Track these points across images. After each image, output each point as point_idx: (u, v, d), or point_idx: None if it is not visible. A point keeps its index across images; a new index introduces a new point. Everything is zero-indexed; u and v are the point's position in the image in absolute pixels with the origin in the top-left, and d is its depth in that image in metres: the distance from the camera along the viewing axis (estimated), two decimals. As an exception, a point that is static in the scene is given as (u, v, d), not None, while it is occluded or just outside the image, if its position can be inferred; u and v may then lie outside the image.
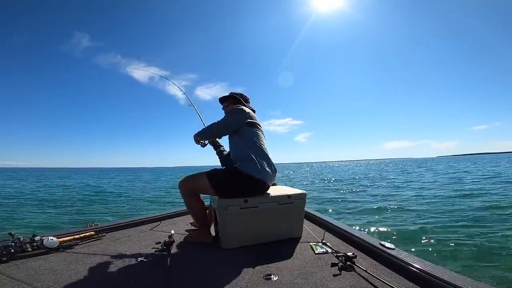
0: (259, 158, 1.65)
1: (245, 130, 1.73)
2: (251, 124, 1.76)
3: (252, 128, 1.75)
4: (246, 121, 1.74)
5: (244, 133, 1.73)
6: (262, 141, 1.75)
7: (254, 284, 1.14)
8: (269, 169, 1.68)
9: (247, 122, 1.74)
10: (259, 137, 1.75)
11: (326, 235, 1.82)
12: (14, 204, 8.95)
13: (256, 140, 1.72)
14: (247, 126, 1.74)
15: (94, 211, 7.59)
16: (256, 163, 1.61)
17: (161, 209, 7.29)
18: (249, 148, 1.68)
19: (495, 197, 7.45)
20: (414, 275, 1.14)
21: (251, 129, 1.74)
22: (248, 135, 1.72)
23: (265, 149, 1.73)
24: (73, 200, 10.33)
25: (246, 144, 1.70)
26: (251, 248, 1.62)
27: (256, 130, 1.76)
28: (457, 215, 5.48)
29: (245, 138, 1.72)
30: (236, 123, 1.76)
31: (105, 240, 1.86)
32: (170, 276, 1.23)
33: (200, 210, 1.78)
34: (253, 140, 1.71)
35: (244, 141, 1.71)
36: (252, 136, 1.72)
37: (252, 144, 1.70)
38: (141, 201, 10.08)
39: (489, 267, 2.93)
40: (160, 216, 2.46)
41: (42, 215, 6.94)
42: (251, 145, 1.69)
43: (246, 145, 1.69)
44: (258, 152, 1.68)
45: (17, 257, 1.45)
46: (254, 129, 1.75)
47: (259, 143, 1.72)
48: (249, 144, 1.70)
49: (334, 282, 1.14)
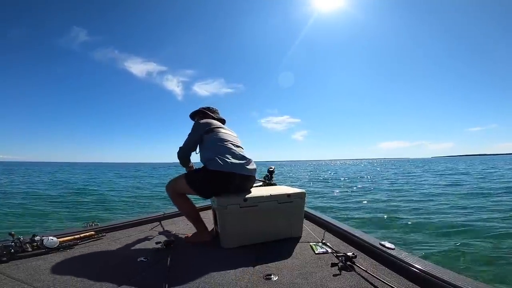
0: (222, 155, 1.72)
1: (205, 138, 1.86)
2: (209, 130, 1.87)
3: (211, 134, 1.86)
4: (204, 130, 1.87)
5: (205, 140, 1.85)
6: (223, 140, 1.83)
7: (254, 284, 1.14)
8: (236, 160, 1.73)
9: (205, 130, 1.86)
10: (219, 138, 1.84)
11: (326, 235, 1.82)
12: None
13: (217, 141, 1.81)
14: (206, 134, 1.86)
15: (91, 211, 7.57)
16: (219, 160, 1.69)
17: (161, 208, 7.28)
18: (211, 150, 1.77)
19: (495, 197, 7.45)
20: (414, 275, 1.14)
21: (210, 135, 1.85)
22: (208, 140, 1.83)
23: (228, 145, 1.80)
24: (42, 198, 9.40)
25: (208, 148, 1.81)
26: (251, 247, 1.62)
27: (216, 134, 1.86)
28: (457, 215, 5.49)
29: (206, 143, 1.84)
30: (195, 135, 1.89)
31: (105, 240, 1.86)
32: (170, 276, 1.23)
33: (191, 210, 1.83)
34: (214, 142, 1.81)
35: (206, 147, 1.83)
36: (212, 139, 1.83)
37: (213, 146, 1.79)
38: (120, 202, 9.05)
39: (489, 267, 2.93)
40: (160, 216, 2.46)
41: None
42: (213, 147, 1.78)
43: (209, 149, 1.80)
44: (220, 150, 1.76)
45: (17, 257, 1.44)
46: (214, 133, 1.86)
47: (220, 142, 1.81)
48: (211, 147, 1.79)
49: (334, 282, 1.14)
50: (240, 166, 1.73)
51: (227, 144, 1.80)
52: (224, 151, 1.75)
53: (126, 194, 11.19)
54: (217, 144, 1.79)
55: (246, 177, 1.76)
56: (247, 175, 1.76)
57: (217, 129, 1.89)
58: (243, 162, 1.76)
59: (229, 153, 1.75)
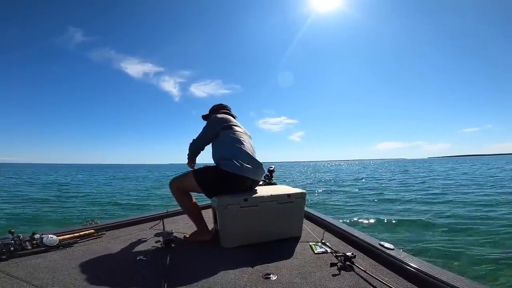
0: (238, 156, 1.71)
1: (221, 134, 1.83)
2: (227, 127, 1.84)
3: (229, 131, 1.83)
4: (221, 125, 1.84)
5: (221, 136, 1.82)
6: (240, 140, 1.80)
7: (253, 283, 1.15)
8: (251, 165, 1.73)
9: (223, 126, 1.84)
10: (236, 137, 1.81)
11: (326, 235, 1.83)
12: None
13: (234, 140, 1.79)
14: (223, 130, 1.83)
15: (93, 210, 7.58)
16: (236, 163, 1.68)
17: (161, 207, 7.29)
18: (227, 149, 1.76)
19: (494, 197, 7.46)
20: (413, 275, 1.15)
21: (227, 132, 1.83)
22: (224, 138, 1.81)
23: (244, 147, 1.78)
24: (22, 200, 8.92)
25: (224, 146, 1.78)
26: (251, 247, 1.62)
27: (233, 132, 1.83)
28: (457, 215, 5.49)
29: (223, 140, 1.81)
30: (212, 130, 1.86)
31: (105, 238, 1.87)
32: (169, 275, 1.23)
33: (193, 208, 1.81)
34: (231, 141, 1.79)
35: (221, 144, 1.80)
36: (228, 137, 1.80)
37: (230, 145, 1.77)
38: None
39: (489, 267, 2.94)
40: (160, 214, 2.47)
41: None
42: (229, 146, 1.77)
43: (224, 147, 1.78)
44: (237, 151, 1.74)
45: (16, 255, 1.45)
46: (231, 131, 1.83)
47: (237, 142, 1.78)
48: (227, 145, 1.77)
49: (333, 282, 1.14)
50: (253, 170, 1.74)
51: (244, 146, 1.78)
52: (240, 153, 1.73)
53: (125, 195, 11.19)
54: (234, 144, 1.76)
55: (256, 181, 1.81)
56: (256, 180, 1.80)
57: (235, 126, 1.86)
58: (256, 166, 1.77)
59: (245, 156, 1.73)
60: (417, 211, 6.05)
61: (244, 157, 1.72)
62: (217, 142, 1.84)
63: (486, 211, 5.71)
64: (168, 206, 2.86)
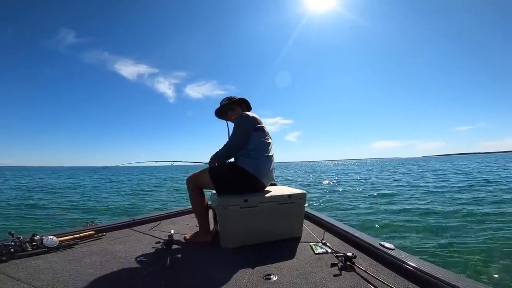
0: (259, 157, 1.72)
1: (252, 136, 1.78)
2: (258, 129, 1.80)
3: (260, 134, 1.80)
4: (254, 126, 1.80)
5: (251, 139, 1.78)
6: (266, 144, 1.81)
7: (254, 284, 1.15)
8: (267, 169, 1.75)
9: (255, 128, 1.80)
10: (263, 140, 1.80)
11: (326, 235, 1.83)
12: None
13: (260, 143, 1.78)
14: (255, 132, 1.79)
15: (93, 211, 7.57)
16: (254, 161, 1.69)
17: (160, 208, 7.29)
18: (252, 150, 1.75)
19: (494, 197, 7.45)
20: (413, 275, 1.15)
21: (257, 134, 1.79)
22: (252, 140, 1.78)
23: (268, 151, 1.80)
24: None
25: (249, 146, 1.77)
26: (251, 248, 1.62)
27: (262, 134, 1.81)
28: (457, 214, 5.49)
29: (253, 142, 1.78)
30: (245, 131, 1.79)
31: (105, 239, 1.86)
32: (169, 276, 1.23)
33: (203, 209, 1.82)
34: (257, 143, 1.77)
35: (253, 144, 1.77)
36: (256, 140, 1.78)
37: (255, 147, 1.76)
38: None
39: (489, 267, 2.93)
40: (160, 215, 2.46)
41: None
42: (255, 147, 1.76)
43: (250, 147, 1.77)
44: (260, 152, 1.75)
45: (16, 257, 1.44)
46: (262, 134, 1.81)
47: (263, 145, 1.78)
48: (252, 146, 1.76)
49: (333, 283, 1.14)
50: (267, 176, 1.78)
51: (267, 149, 1.78)
52: (266, 160, 1.74)
53: (123, 196, 11.17)
54: (262, 150, 1.75)
55: (264, 186, 1.82)
56: (265, 185, 1.82)
57: (263, 128, 1.83)
58: (272, 175, 1.82)
59: (265, 159, 1.74)
60: (417, 211, 6.04)
61: (266, 164, 1.74)
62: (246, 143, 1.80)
63: (495, 209, 5.70)
64: (168, 207, 2.86)
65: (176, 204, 8.59)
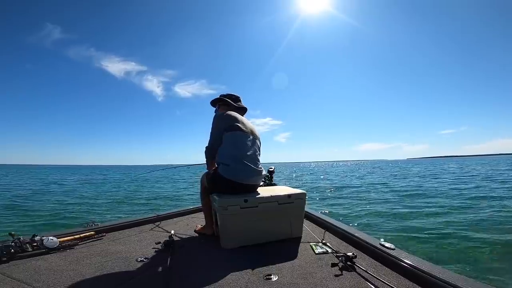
0: (237, 161, 1.71)
1: (224, 136, 1.79)
2: (230, 128, 1.77)
3: (232, 132, 1.77)
4: (225, 127, 1.78)
5: (225, 139, 1.79)
6: (243, 145, 1.76)
7: (254, 284, 1.14)
8: (250, 170, 1.73)
9: (226, 128, 1.78)
10: (238, 139, 1.76)
11: (326, 235, 1.83)
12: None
13: (235, 143, 1.75)
14: (226, 132, 1.78)
15: (95, 211, 7.55)
16: (232, 167, 1.70)
17: (160, 209, 7.28)
18: (228, 153, 1.75)
19: (494, 199, 7.45)
20: (414, 275, 1.15)
21: (230, 134, 1.77)
22: (227, 140, 1.78)
23: (245, 151, 1.75)
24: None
25: (225, 149, 1.77)
26: (251, 248, 1.62)
27: (236, 133, 1.77)
28: (456, 214, 5.49)
29: (225, 143, 1.78)
30: (217, 132, 1.82)
31: (105, 240, 1.86)
32: (170, 276, 1.23)
33: (210, 205, 1.93)
34: (232, 144, 1.76)
35: (224, 146, 1.78)
36: (230, 140, 1.76)
37: (230, 148, 1.75)
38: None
39: (490, 267, 2.93)
40: (160, 216, 2.46)
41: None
42: (230, 149, 1.75)
43: (226, 150, 1.76)
44: (236, 155, 1.73)
45: (17, 257, 1.45)
46: (233, 133, 1.77)
47: (238, 148, 1.75)
48: (229, 149, 1.76)
49: (334, 283, 1.14)
50: (251, 178, 1.76)
51: (245, 151, 1.75)
52: (242, 157, 1.72)
53: (122, 195, 11.16)
54: (235, 149, 1.74)
55: (251, 186, 1.81)
56: (252, 184, 1.81)
57: (239, 126, 1.78)
58: (255, 173, 1.76)
59: (246, 160, 1.72)
60: (417, 211, 6.04)
61: (246, 162, 1.72)
62: (222, 143, 1.81)
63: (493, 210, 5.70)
64: (168, 208, 2.86)
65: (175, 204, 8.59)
